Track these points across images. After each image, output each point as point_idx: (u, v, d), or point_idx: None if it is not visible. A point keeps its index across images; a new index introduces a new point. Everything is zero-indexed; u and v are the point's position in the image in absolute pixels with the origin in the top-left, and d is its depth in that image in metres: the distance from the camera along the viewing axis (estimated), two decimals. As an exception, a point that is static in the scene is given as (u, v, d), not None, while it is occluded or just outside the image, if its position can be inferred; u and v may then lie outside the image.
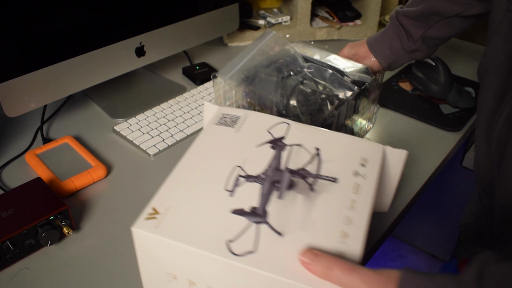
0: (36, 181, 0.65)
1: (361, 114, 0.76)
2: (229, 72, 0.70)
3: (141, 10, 0.88)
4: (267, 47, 0.73)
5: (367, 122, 0.81)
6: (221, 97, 0.72)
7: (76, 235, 0.64)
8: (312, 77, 0.71)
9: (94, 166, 0.74)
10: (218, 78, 0.70)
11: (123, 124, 0.85)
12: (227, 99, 0.72)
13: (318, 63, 0.74)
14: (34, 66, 0.75)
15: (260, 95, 0.68)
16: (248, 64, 0.71)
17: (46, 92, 0.78)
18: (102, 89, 0.96)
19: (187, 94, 0.95)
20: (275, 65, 0.71)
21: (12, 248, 0.58)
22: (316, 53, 0.78)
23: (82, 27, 0.80)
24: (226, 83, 0.70)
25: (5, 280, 0.58)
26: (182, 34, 0.97)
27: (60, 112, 0.91)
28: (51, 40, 0.76)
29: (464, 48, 1.23)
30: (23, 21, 0.71)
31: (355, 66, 0.75)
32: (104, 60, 0.85)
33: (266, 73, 0.70)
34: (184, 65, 1.08)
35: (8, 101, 0.73)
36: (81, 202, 0.70)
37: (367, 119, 0.81)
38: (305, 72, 0.70)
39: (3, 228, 0.58)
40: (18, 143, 0.82)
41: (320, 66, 0.72)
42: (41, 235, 0.59)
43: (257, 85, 0.69)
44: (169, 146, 0.81)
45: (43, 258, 0.61)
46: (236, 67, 0.71)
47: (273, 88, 0.68)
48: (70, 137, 0.81)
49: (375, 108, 0.81)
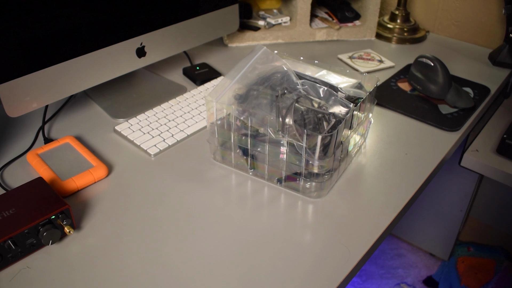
0: (37, 180, 0.65)
1: (355, 130, 0.75)
2: (221, 90, 0.70)
3: (142, 11, 0.88)
4: (258, 63, 0.73)
5: (361, 137, 0.81)
6: (213, 116, 0.72)
7: (77, 235, 0.64)
8: (307, 94, 0.70)
9: (95, 166, 0.74)
10: (209, 97, 0.70)
11: (124, 124, 0.85)
12: (218, 118, 0.72)
13: (311, 80, 0.74)
14: (36, 66, 0.75)
15: (254, 114, 0.68)
16: (240, 82, 0.71)
17: (47, 92, 0.78)
18: (103, 90, 0.96)
19: (188, 94, 0.95)
20: (268, 83, 0.71)
21: (13, 247, 0.58)
22: (307, 68, 0.77)
23: (84, 28, 0.79)
24: (217, 103, 0.70)
25: (6, 279, 0.58)
26: (183, 34, 0.97)
27: (61, 112, 0.91)
28: (52, 40, 0.76)
29: (462, 48, 1.23)
30: (25, 22, 0.71)
31: (348, 81, 0.75)
32: (105, 61, 0.85)
33: (259, 91, 0.70)
34: (184, 65, 1.08)
35: (10, 101, 0.73)
36: (82, 202, 0.70)
37: (361, 135, 0.81)
38: (300, 89, 0.70)
39: (4, 227, 0.58)
40: (20, 143, 0.82)
41: (313, 82, 0.72)
42: (43, 234, 0.59)
43: (250, 103, 0.69)
44: (169, 146, 0.81)
45: (44, 257, 0.61)
46: (227, 86, 0.71)
47: (268, 107, 0.68)
48: (71, 137, 0.81)
49: (368, 124, 0.81)
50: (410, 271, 1.53)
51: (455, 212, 1.43)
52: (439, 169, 0.81)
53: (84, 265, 0.60)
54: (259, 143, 0.71)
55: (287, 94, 0.68)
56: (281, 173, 0.71)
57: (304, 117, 0.67)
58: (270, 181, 0.73)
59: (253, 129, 0.70)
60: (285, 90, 0.69)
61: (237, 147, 0.73)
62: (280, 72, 0.75)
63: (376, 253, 1.60)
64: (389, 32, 1.27)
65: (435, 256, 1.57)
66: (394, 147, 0.82)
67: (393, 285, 1.48)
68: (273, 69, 0.73)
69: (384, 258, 1.58)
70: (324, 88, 0.70)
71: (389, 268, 1.54)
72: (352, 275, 0.61)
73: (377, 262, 1.57)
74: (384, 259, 1.58)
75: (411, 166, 0.78)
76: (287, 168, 0.70)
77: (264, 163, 0.72)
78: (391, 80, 1.04)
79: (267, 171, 0.73)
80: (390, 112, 0.94)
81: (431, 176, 0.78)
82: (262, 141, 0.70)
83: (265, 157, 0.71)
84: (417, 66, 1.00)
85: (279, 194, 0.71)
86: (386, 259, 1.58)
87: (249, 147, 0.72)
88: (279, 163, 0.71)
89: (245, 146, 0.72)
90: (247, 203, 0.70)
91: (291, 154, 0.68)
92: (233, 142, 0.73)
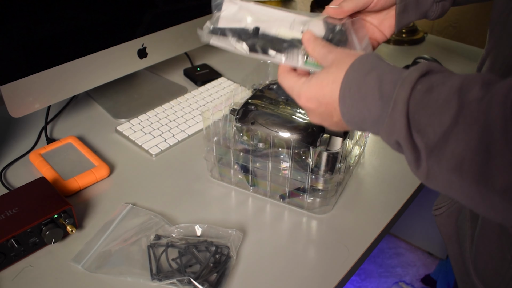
0: (40, 180, 0.65)
1: (355, 140, 0.73)
2: (89, 251, 0.60)
3: (143, 13, 0.88)
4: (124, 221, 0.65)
5: (360, 148, 0.79)
6: (210, 133, 0.70)
7: (79, 234, 0.64)
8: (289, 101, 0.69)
9: (97, 165, 0.74)
10: (206, 113, 0.67)
11: (126, 125, 0.85)
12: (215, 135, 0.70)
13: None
14: (39, 67, 0.75)
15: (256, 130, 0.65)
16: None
17: (50, 93, 0.78)
18: (105, 90, 0.96)
19: (188, 95, 0.95)
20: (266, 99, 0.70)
21: (16, 246, 0.58)
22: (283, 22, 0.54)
23: (86, 29, 0.79)
24: (216, 120, 0.67)
25: (9, 277, 0.58)
26: (183, 36, 0.97)
27: (63, 113, 0.91)
28: (55, 42, 0.76)
29: (458, 49, 1.23)
30: (28, 24, 0.71)
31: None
32: (107, 62, 0.84)
33: (260, 105, 0.69)
34: (185, 66, 1.08)
35: (12, 101, 0.73)
36: (84, 201, 0.70)
37: (362, 145, 0.79)
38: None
39: (7, 226, 0.58)
40: (23, 143, 0.82)
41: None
42: (45, 233, 0.59)
43: (252, 118, 0.67)
44: (170, 146, 0.81)
45: (47, 256, 0.61)
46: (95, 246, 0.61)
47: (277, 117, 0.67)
48: (73, 137, 0.81)
49: (367, 133, 0.79)
50: (408, 270, 1.53)
51: (452, 211, 1.43)
52: (437, 169, 0.81)
53: (86, 264, 0.59)
54: (259, 159, 0.68)
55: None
56: (284, 189, 0.69)
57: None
58: (272, 198, 0.71)
59: (252, 145, 0.67)
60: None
61: (235, 164, 0.70)
62: (275, 83, 0.75)
63: (375, 252, 1.60)
64: (388, 34, 1.27)
65: (433, 255, 1.57)
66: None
67: (392, 283, 1.48)
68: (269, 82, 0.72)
69: (382, 257, 1.58)
70: None
71: (387, 267, 1.54)
72: (351, 273, 0.61)
73: (376, 261, 1.57)
74: (382, 258, 1.58)
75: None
76: (290, 185, 0.68)
77: (265, 179, 0.69)
78: (389, 81, 1.04)
79: (270, 188, 0.70)
80: (388, 113, 0.93)
81: (429, 176, 0.78)
82: (263, 155, 0.68)
83: (265, 174, 0.68)
84: (415, 67, 0.99)
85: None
86: (385, 258, 1.58)
87: (250, 164, 0.69)
88: (278, 178, 0.68)
89: (244, 163, 0.69)
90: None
91: (295, 171, 0.66)
92: (232, 158, 0.70)
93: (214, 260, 0.57)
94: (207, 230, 0.63)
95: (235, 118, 0.68)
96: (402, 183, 0.74)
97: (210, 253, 0.59)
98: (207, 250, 0.59)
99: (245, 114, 0.68)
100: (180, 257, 0.58)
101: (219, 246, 0.60)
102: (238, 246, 0.61)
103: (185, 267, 0.57)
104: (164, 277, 0.56)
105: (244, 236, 0.64)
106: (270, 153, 0.66)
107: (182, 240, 0.60)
